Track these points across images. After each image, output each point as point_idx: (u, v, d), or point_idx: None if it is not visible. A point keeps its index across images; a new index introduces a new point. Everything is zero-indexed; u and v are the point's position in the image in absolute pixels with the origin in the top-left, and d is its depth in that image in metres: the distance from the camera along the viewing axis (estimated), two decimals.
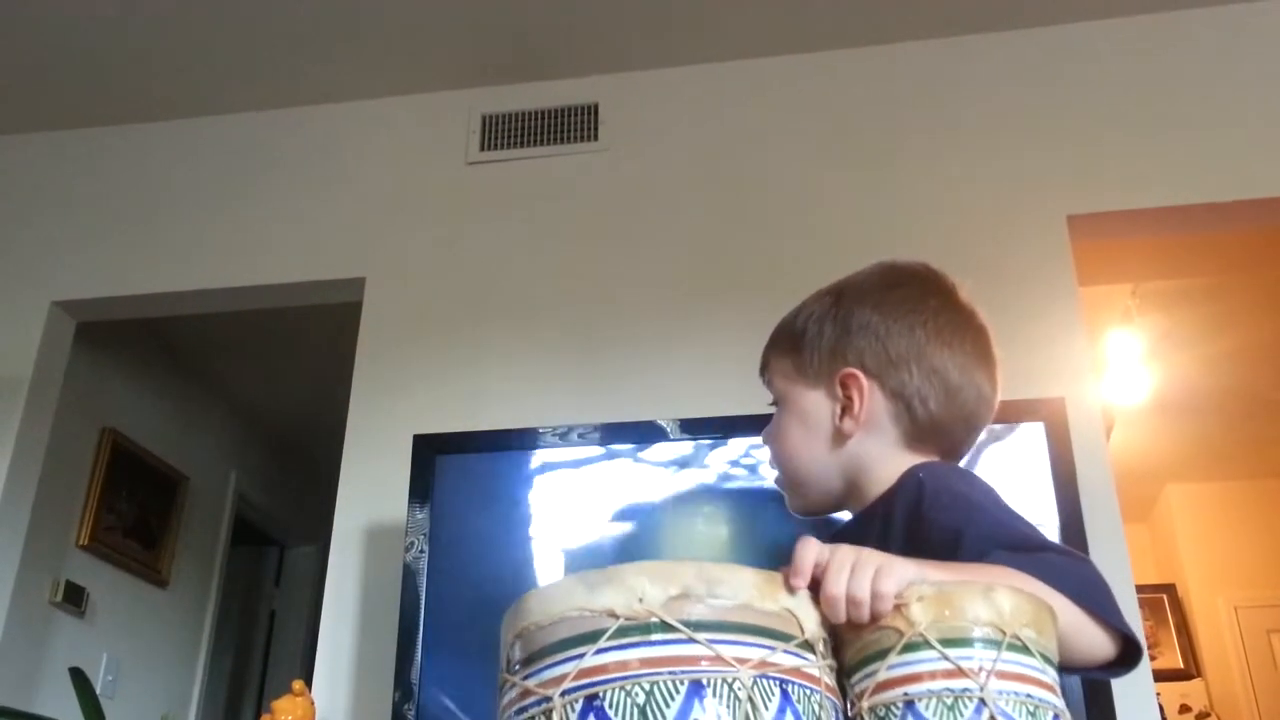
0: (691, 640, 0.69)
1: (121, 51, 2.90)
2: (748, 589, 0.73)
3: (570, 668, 0.70)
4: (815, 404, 1.15)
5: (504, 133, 2.94)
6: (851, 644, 0.77)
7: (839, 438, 1.13)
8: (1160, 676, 4.47)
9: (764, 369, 1.23)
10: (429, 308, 2.77)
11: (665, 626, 0.70)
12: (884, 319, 1.15)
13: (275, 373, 4.19)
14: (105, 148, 3.15)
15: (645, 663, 0.69)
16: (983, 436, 1.22)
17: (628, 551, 2.17)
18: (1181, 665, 5.29)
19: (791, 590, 0.76)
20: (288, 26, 2.82)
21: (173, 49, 2.89)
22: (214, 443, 4.31)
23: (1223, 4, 2.72)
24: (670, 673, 0.68)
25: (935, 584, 0.76)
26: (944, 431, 1.13)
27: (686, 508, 2.20)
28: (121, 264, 2.99)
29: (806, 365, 1.17)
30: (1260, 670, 5.06)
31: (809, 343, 1.18)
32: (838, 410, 1.13)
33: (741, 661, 0.70)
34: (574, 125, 2.91)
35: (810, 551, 0.79)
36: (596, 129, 2.90)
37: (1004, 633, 0.73)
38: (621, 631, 0.70)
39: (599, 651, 0.70)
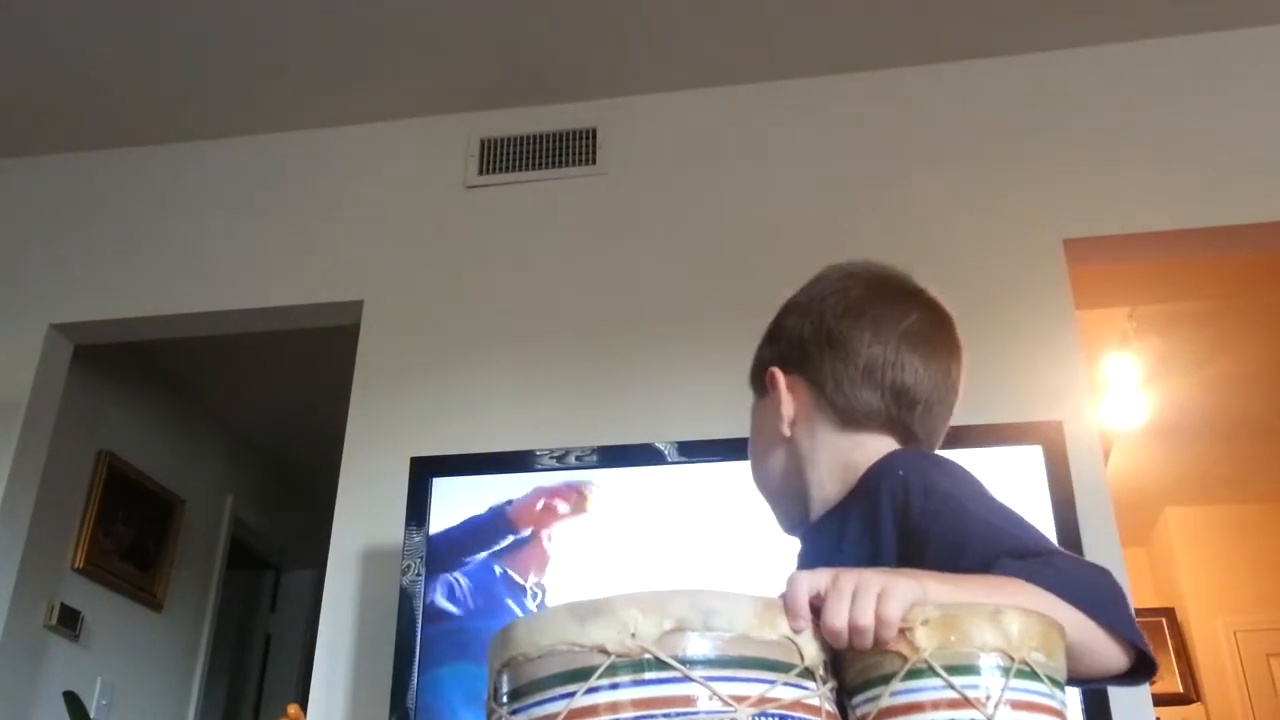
0: (687, 679, 0.66)
1: (120, 76, 2.91)
2: (745, 618, 0.70)
3: (560, 707, 0.67)
4: (764, 411, 1.17)
5: (503, 156, 2.94)
6: (853, 664, 0.75)
7: (781, 438, 1.14)
8: (1160, 701, 4.46)
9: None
10: (427, 331, 2.77)
11: (659, 664, 0.66)
12: (799, 313, 1.17)
13: (272, 396, 4.19)
14: (104, 171, 3.16)
15: (638, 704, 0.66)
16: (979, 458, 1.20)
17: (626, 572, 2.16)
18: (1181, 689, 5.27)
19: (795, 628, 0.74)
20: (286, 51, 2.83)
21: (171, 73, 2.91)
22: (210, 466, 4.30)
23: (1218, 30, 2.74)
24: (665, 715, 0.65)
25: (940, 607, 0.74)
26: (873, 411, 1.10)
27: (685, 530, 2.19)
28: (120, 287, 2.99)
29: (755, 375, 1.20)
30: (1260, 694, 5.04)
31: (763, 352, 1.21)
32: (776, 411, 1.14)
33: (740, 699, 0.67)
34: (572, 149, 2.92)
35: (802, 587, 0.75)
36: (595, 153, 2.91)
37: (1012, 659, 0.71)
38: (613, 669, 0.66)
39: (590, 691, 0.66)
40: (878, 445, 1.10)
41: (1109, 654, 0.86)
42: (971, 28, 2.75)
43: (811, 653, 0.73)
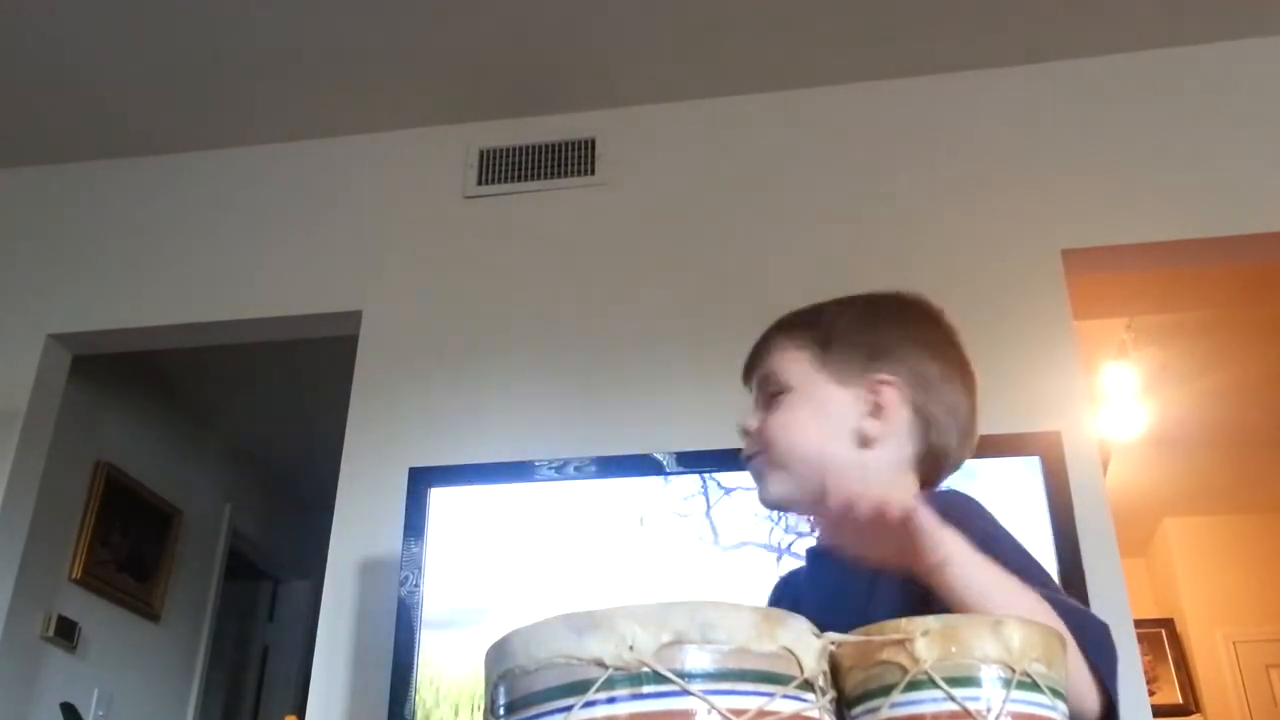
0: (685, 692, 0.65)
1: (117, 85, 2.92)
2: (745, 629, 0.69)
3: None
4: (840, 401, 1.15)
5: (501, 167, 2.95)
6: (852, 674, 0.75)
7: (863, 439, 1.13)
8: (1159, 712, 4.44)
9: (764, 355, 1.22)
10: (425, 341, 2.77)
11: (657, 677, 0.65)
12: (917, 346, 1.18)
13: (270, 406, 4.19)
14: (101, 181, 3.16)
15: (636, 718, 0.65)
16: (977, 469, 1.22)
17: (624, 585, 2.15)
18: (1180, 701, 5.26)
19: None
20: (284, 61, 2.84)
21: (168, 83, 2.91)
22: (208, 476, 4.29)
23: (1216, 40, 2.75)
24: None
25: (941, 618, 0.74)
26: (944, 463, 1.16)
27: (683, 541, 2.19)
28: (117, 297, 2.99)
29: (837, 363, 1.17)
30: (1259, 706, 5.03)
31: (842, 342, 1.18)
32: (865, 412, 1.13)
33: (739, 713, 0.65)
34: (571, 159, 2.92)
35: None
36: (594, 163, 2.91)
37: (1013, 670, 0.70)
38: (610, 683, 0.65)
39: (587, 704, 0.65)
40: (913, 486, 1.14)
41: (1088, 699, 0.88)
42: (969, 39, 2.76)
43: (810, 664, 0.72)
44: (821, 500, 1.11)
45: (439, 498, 2.30)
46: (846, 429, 1.14)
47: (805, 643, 0.72)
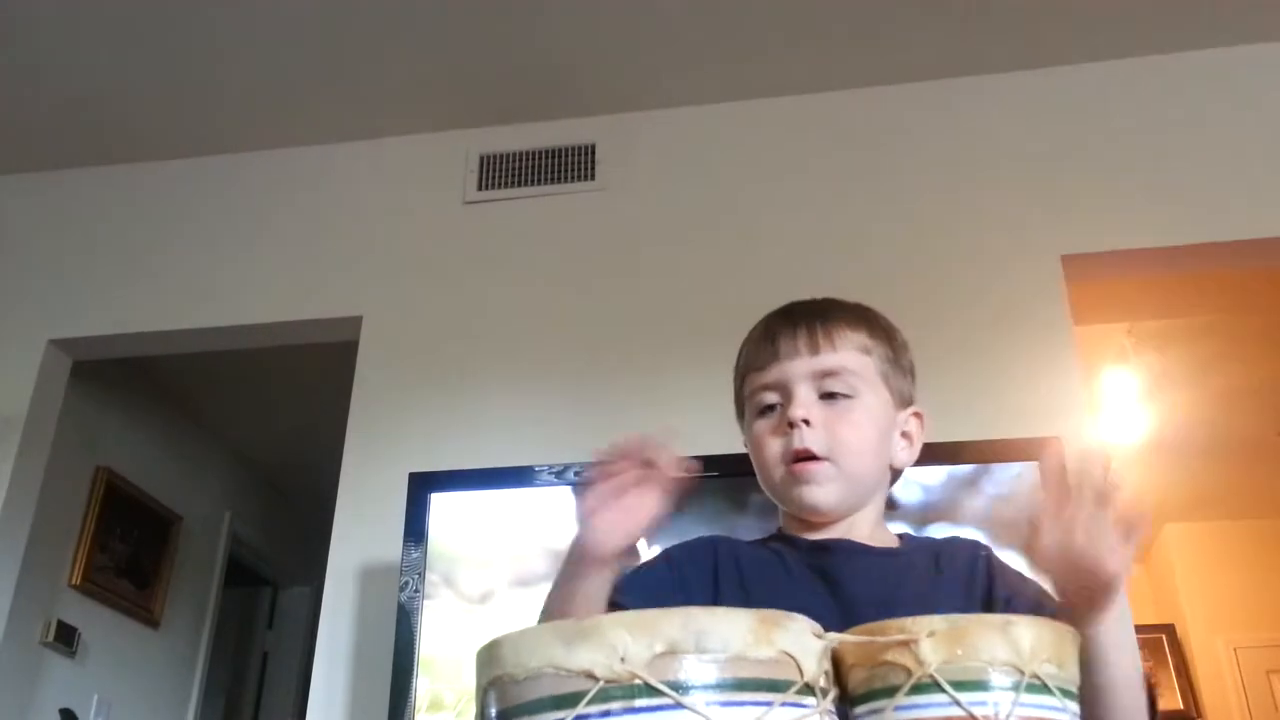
0: (680, 705, 0.63)
1: (117, 92, 2.92)
2: (741, 635, 0.67)
3: None
4: (890, 421, 1.13)
5: (501, 172, 2.95)
6: (855, 672, 0.73)
7: (889, 464, 1.14)
8: (1161, 719, 4.43)
9: (832, 341, 1.12)
10: (425, 347, 2.77)
11: (650, 690, 0.63)
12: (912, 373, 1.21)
13: (271, 412, 4.18)
14: (102, 187, 3.16)
15: None
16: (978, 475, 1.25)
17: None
18: (1181, 707, 5.25)
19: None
20: (285, 67, 2.84)
21: (168, 90, 2.91)
22: (208, 482, 4.29)
23: (1216, 46, 2.75)
24: None
25: (948, 619, 0.71)
26: None
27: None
28: (118, 303, 2.99)
29: (898, 381, 1.15)
30: (1260, 712, 5.02)
31: (904, 362, 1.17)
32: (898, 438, 1.14)
33: None
34: (571, 165, 2.92)
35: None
36: (594, 169, 2.91)
37: (1022, 673, 0.68)
38: (603, 695, 0.63)
39: (579, 718, 0.64)
40: None
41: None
42: (970, 44, 2.76)
43: (810, 667, 0.70)
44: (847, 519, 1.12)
45: (439, 503, 2.30)
46: (889, 451, 1.13)
47: (805, 645, 0.70)
